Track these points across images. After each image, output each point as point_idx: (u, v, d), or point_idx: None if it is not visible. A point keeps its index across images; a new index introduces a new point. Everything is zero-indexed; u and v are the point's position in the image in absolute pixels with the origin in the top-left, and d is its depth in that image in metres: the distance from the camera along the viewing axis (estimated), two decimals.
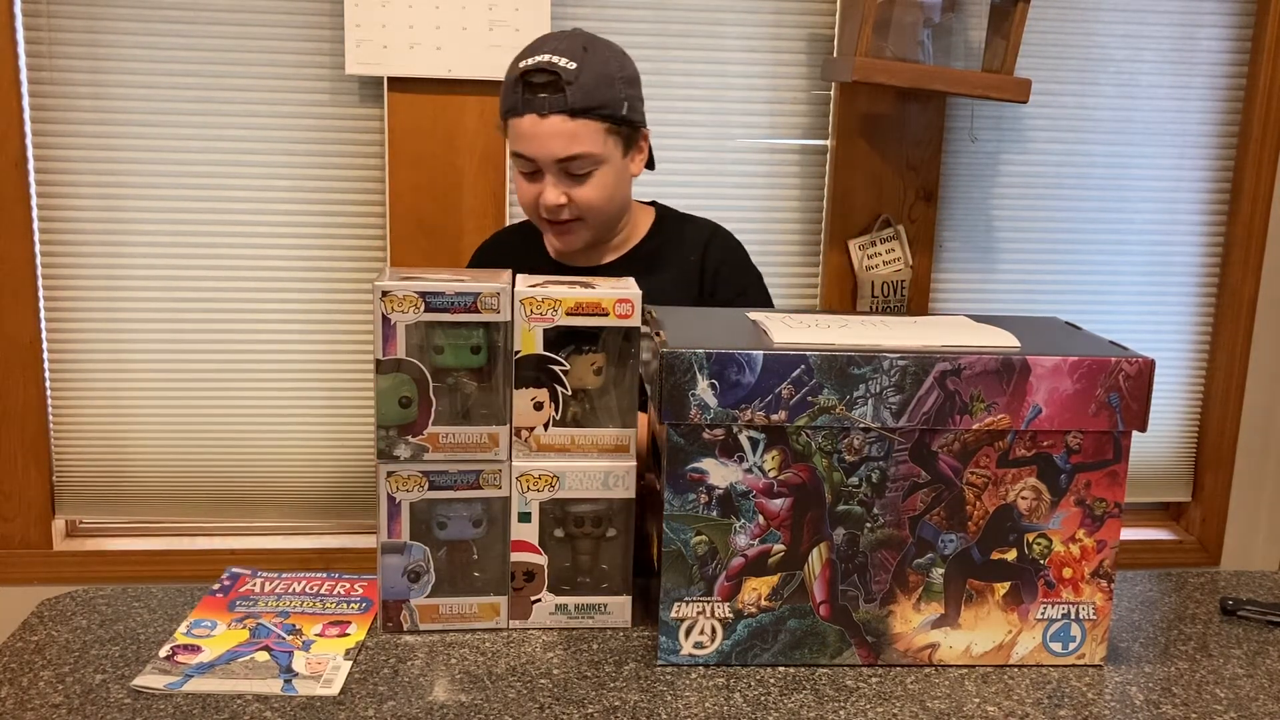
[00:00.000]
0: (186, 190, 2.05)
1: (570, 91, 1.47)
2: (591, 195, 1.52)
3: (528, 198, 1.55)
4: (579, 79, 1.48)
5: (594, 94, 1.49)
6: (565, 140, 1.48)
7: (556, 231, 1.56)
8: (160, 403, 2.11)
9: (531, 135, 1.49)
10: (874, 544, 1.12)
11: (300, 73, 2.03)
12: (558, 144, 1.48)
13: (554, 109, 1.47)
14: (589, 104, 1.48)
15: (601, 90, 1.50)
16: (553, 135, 1.48)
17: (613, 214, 1.58)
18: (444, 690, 1.07)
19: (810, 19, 2.10)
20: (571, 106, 1.47)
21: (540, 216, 1.56)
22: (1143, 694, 1.11)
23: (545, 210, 1.53)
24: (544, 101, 1.47)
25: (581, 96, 1.48)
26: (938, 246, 2.20)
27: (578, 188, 1.51)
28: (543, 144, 1.49)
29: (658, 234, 1.65)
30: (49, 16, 1.97)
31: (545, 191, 1.51)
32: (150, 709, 1.03)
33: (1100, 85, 2.19)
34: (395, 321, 1.12)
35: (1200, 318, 2.32)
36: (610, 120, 1.51)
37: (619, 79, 1.53)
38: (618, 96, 1.52)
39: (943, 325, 1.22)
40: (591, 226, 1.56)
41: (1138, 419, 1.11)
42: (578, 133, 1.48)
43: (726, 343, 1.09)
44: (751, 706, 1.06)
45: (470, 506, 1.17)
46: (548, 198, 1.51)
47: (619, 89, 1.52)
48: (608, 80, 1.51)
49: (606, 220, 1.58)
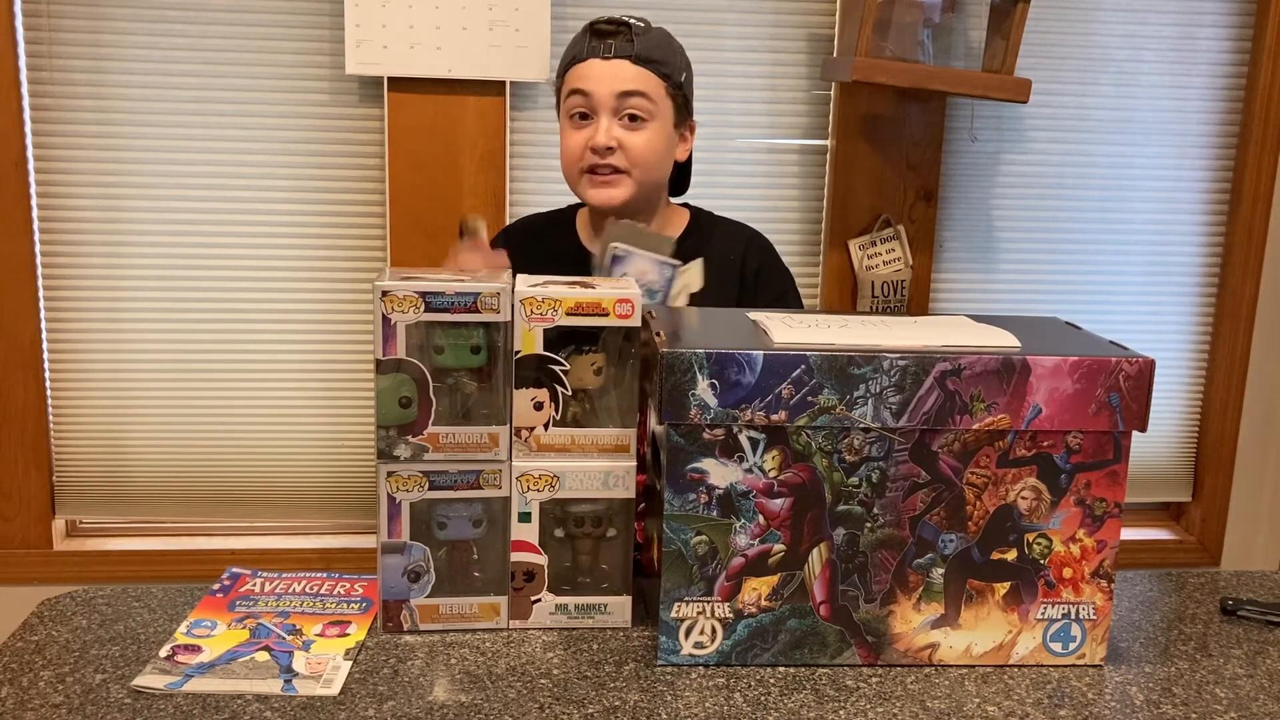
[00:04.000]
0: (187, 190, 2.05)
1: (637, 41, 1.53)
2: (642, 146, 1.53)
3: (575, 145, 1.55)
4: (646, 34, 1.55)
5: (658, 50, 1.55)
6: (626, 79, 1.52)
7: (597, 182, 1.55)
8: (160, 403, 2.11)
9: (592, 75, 1.53)
10: (874, 544, 1.12)
11: (300, 73, 2.03)
12: (619, 81, 1.52)
13: (619, 54, 1.52)
14: (652, 56, 1.53)
15: (665, 50, 1.56)
16: (616, 74, 1.52)
17: (654, 182, 1.58)
18: (444, 690, 1.07)
19: (810, 19, 2.11)
20: (636, 54, 1.53)
21: (582, 169, 1.55)
22: (1143, 694, 1.11)
23: (594, 150, 1.53)
24: (610, 46, 1.53)
25: (646, 48, 1.53)
26: (938, 246, 2.20)
27: (630, 134, 1.53)
28: (604, 81, 1.52)
29: (695, 232, 1.66)
30: (49, 16, 1.97)
31: (597, 133, 1.52)
32: (150, 709, 1.03)
33: (1100, 85, 2.19)
34: (395, 321, 1.12)
35: (1200, 318, 2.32)
36: (669, 81, 1.55)
37: (681, 54, 1.60)
38: (679, 65, 1.58)
39: (943, 325, 1.22)
40: (634, 184, 1.55)
41: (1138, 419, 1.11)
42: (639, 76, 1.53)
43: (726, 343, 1.09)
44: (751, 706, 1.06)
45: (470, 506, 1.17)
46: (599, 138, 1.52)
47: (682, 61, 1.59)
48: (672, 47, 1.58)
49: (648, 185, 1.57)
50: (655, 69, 1.53)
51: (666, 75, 1.55)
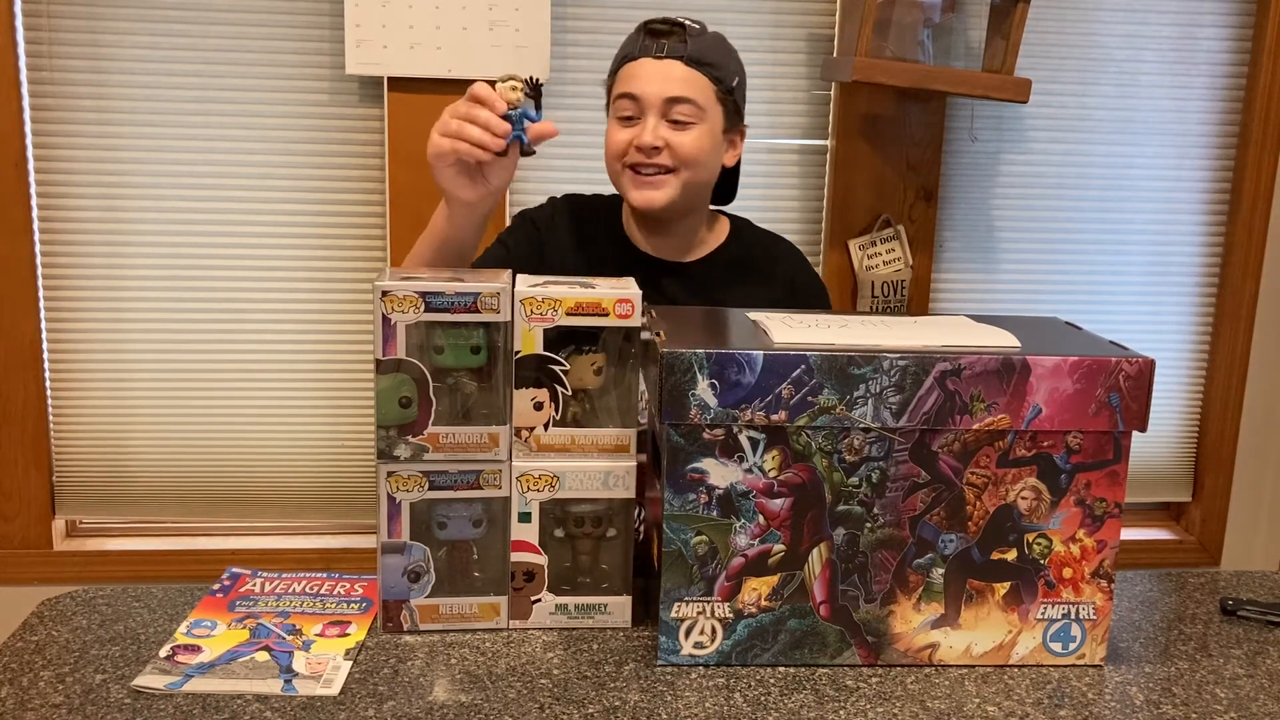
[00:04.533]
0: (187, 190, 2.05)
1: (691, 43, 1.51)
2: (689, 145, 1.51)
3: (620, 143, 1.53)
4: (701, 36, 1.53)
5: (711, 52, 1.53)
6: (677, 82, 1.50)
7: (641, 182, 1.53)
8: (160, 403, 2.12)
9: (641, 75, 1.51)
10: (874, 544, 1.12)
11: (300, 73, 2.03)
12: (668, 84, 1.50)
13: (672, 54, 1.50)
14: (705, 59, 1.51)
15: (719, 54, 1.54)
16: (666, 76, 1.50)
17: (699, 183, 1.55)
18: (444, 690, 1.07)
19: (810, 19, 2.11)
20: (689, 55, 1.51)
21: (626, 165, 1.53)
22: (1143, 694, 1.11)
23: (640, 149, 1.51)
24: (663, 46, 1.51)
25: (699, 50, 1.51)
26: (938, 246, 2.20)
27: (677, 134, 1.51)
28: (653, 81, 1.50)
29: (738, 241, 1.65)
30: (49, 16, 1.97)
31: (644, 132, 1.50)
32: (150, 709, 1.03)
33: (1100, 85, 2.19)
34: (395, 321, 1.12)
35: (1200, 318, 2.32)
36: (720, 85, 1.53)
37: (735, 58, 1.57)
38: (732, 69, 1.56)
39: (943, 325, 1.22)
40: (680, 184, 1.52)
41: (1138, 419, 1.11)
42: (690, 79, 1.51)
43: (726, 343, 1.09)
44: (751, 706, 1.06)
45: (470, 506, 1.17)
46: (645, 138, 1.50)
47: (735, 65, 1.57)
48: (726, 51, 1.56)
49: (694, 186, 1.54)
50: (707, 71, 1.51)
51: (718, 79, 1.52)
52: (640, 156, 1.51)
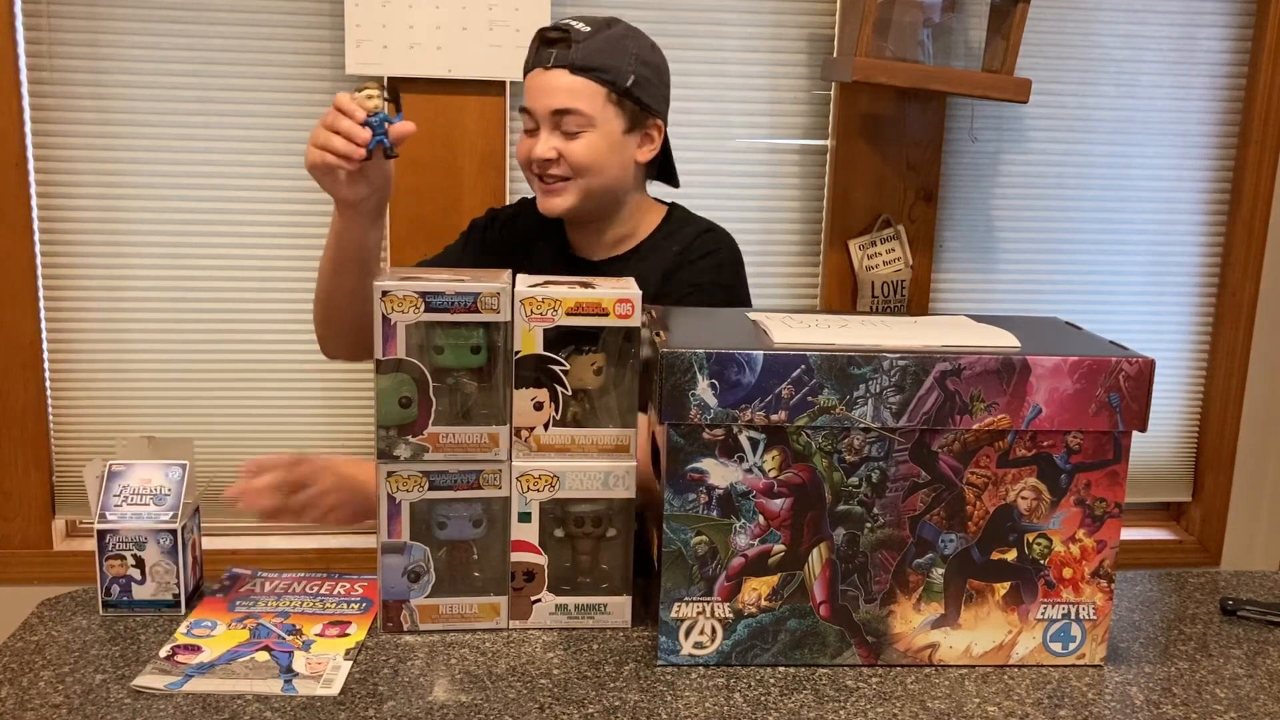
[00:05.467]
0: (187, 190, 2.05)
1: (576, 49, 1.50)
2: (581, 153, 1.52)
3: (522, 154, 1.57)
4: (588, 40, 1.51)
5: (598, 56, 1.51)
6: (562, 94, 1.50)
7: (544, 190, 1.56)
8: (160, 403, 2.11)
9: (533, 87, 1.53)
10: (874, 544, 1.12)
11: (300, 73, 2.03)
12: (554, 96, 1.50)
13: (558, 63, 1.50)
14: (591, 64, 1.50)
15: (609, 55, 1.52)
16: (551, 88, 1.51)
17: (604, 185, 1.55)
18: (444, 690, 1.07)
19: (810, 19, 2.11)
20: (573, 62, 1.50)
21: (533, 172, 1.56)
22: (1143, 694, 1.11)
23: (535, 164, 1.54)
24: (550, 55, 1.51)
25: (585, 55, 1.50)
26: (938, 246, 2.20)
27: (568, 143, 1.52)
28: (540, 95, 1.51)
29: (660, 231, 1.64)
30: (49, 16, 1.97)
31: (536, 145, 1.53)
32: (150, 709, 1.03)
33: (1100, 85, 2.19)
34: (395, 321, 1.12)
35: (1200, 318, 2.32)
36: (611, 87, 1.52)
37: (634, 55, 1.54)
38: (625, 68, 1.53)
39: (943, 325, 1.22)
40: (580, 191, 1.54)
41: (1138, 419, 1.11)
42: (576, 89, 1.50)
43: (726, 343, 1.09)
44: (751, 706, 1.06)
45: (470, 506, 1.17)
46: (537, 150, 1.52)
47: (630, 63, 1.54)
48: (619, 50, 1.53)
49: (597, 190, 1.55)
50: (594, 76, 1.50)
51: (610, 82, 1.51)
52: (538, 168, 1.54)
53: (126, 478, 1.25)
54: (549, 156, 1.52)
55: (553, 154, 1.52)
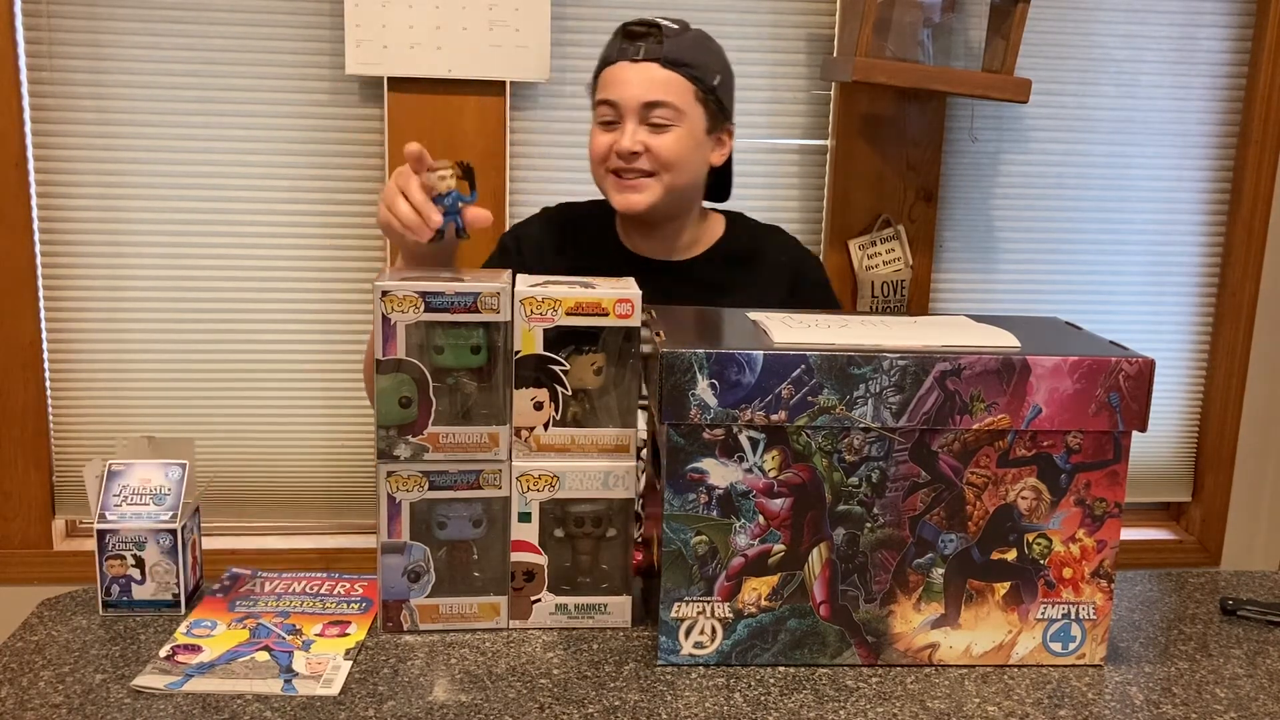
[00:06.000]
0: (187, 190, 2.05)
1: (667, 44, 1.50)
2: (668, 148, 1.50)
3: (601, 148, 1.53)
4: (678, 37, 1.52)
5: (689, 53, 1.52)
6: (654, 86, 1.49)
7: (623, 186, 1.53)
8: (160, 403, 2.11)
9: (619, 80, 1.51)
10: (874, 544, 1.12)
11: (300, 73, 2.03)
12: (644, 88, 1.49)
13: (648, 56, 1.50)
14: (682, 59, 1.51)
15: (698, 53, 1.53)
16: (642, 80, 1.50)
17: (684, 184, 1.55)
18: (444, 690, 1.07)
19: (810, 19, 2.11)
20: (665, 56, 1.50)
21: (608, 169, 1.54)
22: (1143, 694, 1.11)
23: (620, 155, 1.51)
24: (639, 49, 1.50)
25: (677, 50, 1.51)
26: (938, 246, 2.20)
27: (656, 137, 1.50)
28: (629, 87, 1.50)
29: (734, 235, 1.65)
30: (49, 16, 1.97)
31: (622, 137, 1.50)
32: (150, 709, 1.03)
33: (1100, 85, 2.19)
34: (395, 321, 1.12)
35: (1200, 318, 2.32)
36: (700, 85, 1.52)
37: (717, 56, 1.56)
38: (712, 66, 1.54)
39: (943, 325, 1.22)
40: (662, 187, 1.52)
41: (1138, 419, 1.11)
42: (668, 82, 1.50)
43: (726, 343, 1.09)
44: (751, 706, 1.06)
45: (470, 506, 1.17)
46: (623, 143, 1.50)
47: (715, 63, 1.55)
48: (705, 49, 1.55)
49: (677, 187, 1.54)
50: (685, 72, 1.50)
51: (697, 79, 1.51)
52: (620, 161, 1.51)
53: (126, 478, 1.25)
54: (636, 149, 1.50)
55: (639, 147, 1.50)
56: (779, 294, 1.62)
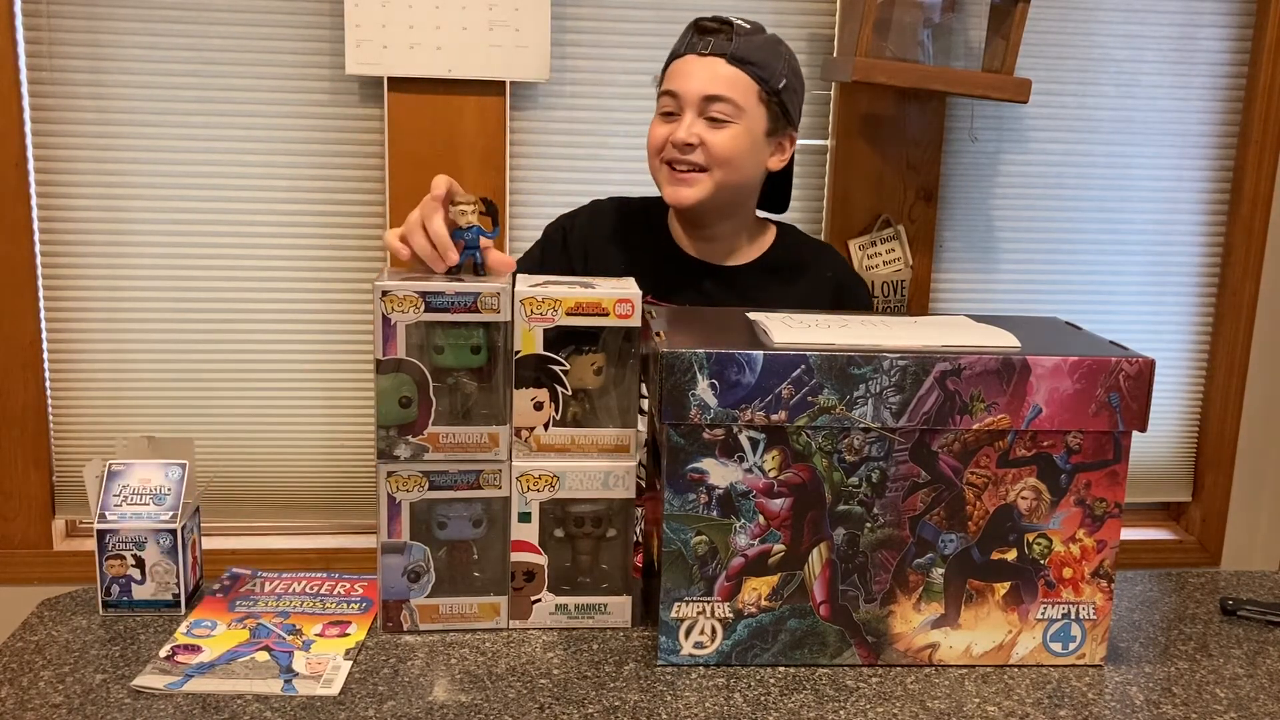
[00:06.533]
0: (187, 190, 2.05)
1: (736, 42, 1.50)
2: (723, 143, 1.50)
3: (658, 138, 1.54)
4: (749, 36, 1.52)
5: (757, 53, 1.52)
6: (717, 81, 1.50)
7: (675, 178, 1.53)
8: (160, 403, 2.11)
9: (684, 72, 1.52)
10: (874, 544, 1.12)
11: (300, 73, 2.03)
12: (707, 82, 1.50)
13: (716, 51, 1.50)
14: (750, 58, 1.51)
15: (766, 54, 1.53)
16: (706, 74, 1.50)
17: (737, 183, 1.55)
18: (444, 690, 1.07)
19: (810, 19, 2.10)
20: (733, 53, 1.50)
21: (663, 160, 1.54)
22: (1143, 694, 1.11)
23: (675, 145, 1.51)
24: (708, 43, 1.51)
25: (745, 49, 1.51)
26: (938, 246, 2.20)
27: (712, 132, 1.50)
28: (692, 79, 1.50)
29: (783, 247, 1.65)
30: (49, 16, 1.97)
31: (679, 128, 1.50)
32: (150, 709, 1.03)
33: (1100, 85, 2.19)
34: (395, 321, 1.12)
35: (1200, 318, 2.32)
36: (764, 85, 1.52)
37: (787, 59, 1.56)
38: (779, 69, 1.54)
39: (943, 325, 1.22)
40: (714, 184, 1.52)
41: (1138, 419, 1.11)
42: (731, 78, 1.50)
43: (726, 343, 1.09)
44: (751, 706, 1.06)
45: (470, 506, 1.17)
46: (679, 134, 1.50)
47: (784, 65, 1.55)
48: (775, 52, 1.54)
49: (729, 185, 1.54)
50: (751, 71, 1.50)
51: (762, 79, 1.51)
52: (675, 153, 1.51)
53: (126, 477, 1.25)
54: (691, 141, 1.50)
55: (695, 139, 1.50)
56: (823, 306, 1.62)
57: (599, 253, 1.61)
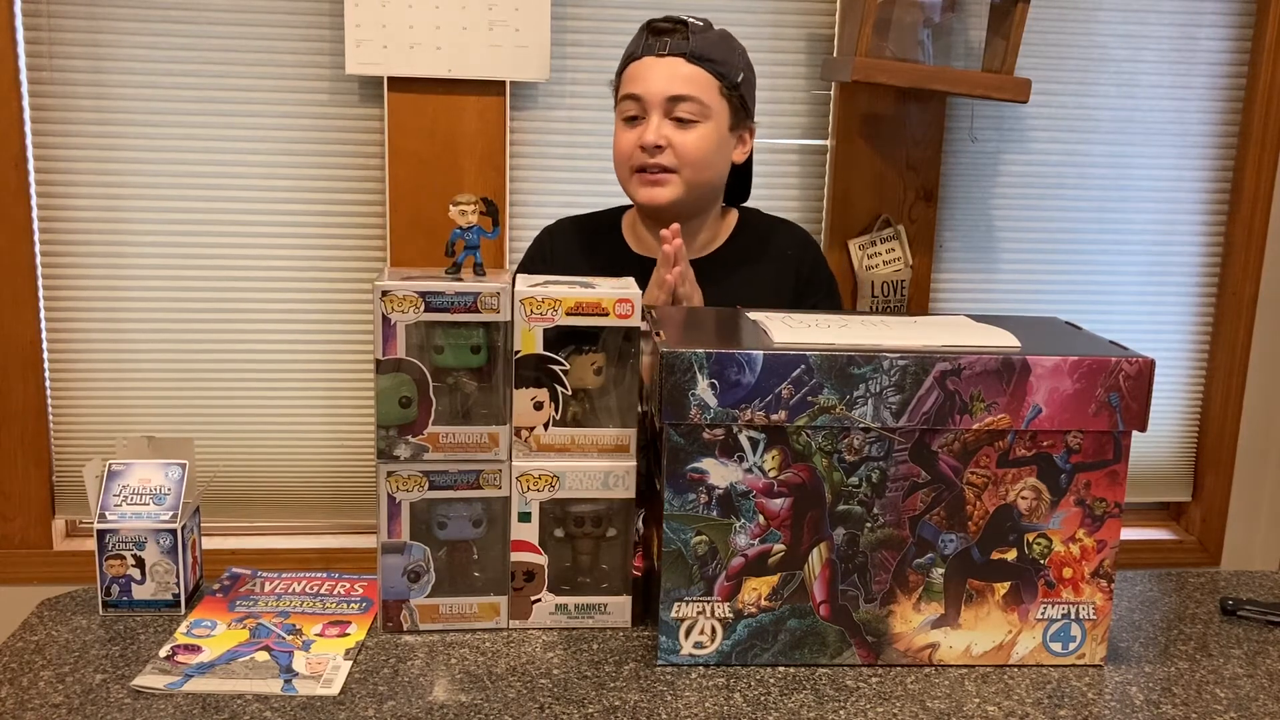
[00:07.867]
0: (187, 190, 2.05)
1: (693, 40, 1.51)
2: (693, 144, 1.51)
3: (625, 145, 1.54)
4: (703, 33, 1.53)
5: (714, 49, 1.53)
6: (679, 81, 1.50)
7: (647, 181, 1.54)
8: (160, 403, 2.11)
9: (643, 75, 1.52)
10: (874, 544, 1.12)
11: (300, 73, 2.03)
12: (670, 83, 1.50)
13: (674, 51, 1.51)
14: (707, 55, 1.52)
15: (723, 50, 1.54)
16: (667, 74, 1.51)
17: (705, 183, 1.56)
18: (444, 690, 1.07)
19: (810, 19, 2.11)
20: (690, 51, 1.51)
21: (633, 167, 1.54)
22: (1143, 694, 1.11)
23: (643, 148, 1.51)
24: (665, 44, 1.51)
25: (702, 46, 1.52)
26: (938, 246, 2.20)
27: (680, 133, 1.51)
28: (654, 81, 1.51)
29: (745, 232, 1.66)
30: (49, 16, 1.97)
31: (646, 131, 1.51)
32: (150, 709, 1.03)
33: (1100, 85, 2.19)
34: (395, 321, 1.12)
35: (1200, 318, 2.32)
36: (724, 80, 1.53)
37: (740, 55, 1.57)
38: (736, 64, 1.55)
39: (943, 325, 1.22)
40: (684, 183, 1.53)
41: (1138, 419, 1.11)
42: (693, 77, 1.51)
43: (726, 343, 1.09)
44: (751, 706, 1.06)
45: (470, 506, 1.17)
46: (648, 136, 1.50)
47: (739, 60, 1.56)
48: (730, 47, 1.56)
49: (700, 184, 1.55)
50: (710, 68, 1.51)
51: (722, 75, 1.52)
52: (644, 157, 1.51)
53: (126, 477, 1.25)
54: (660, 143, 1.51)
55: (663, 140, 1.51)
56: (789, 284, 1.62)
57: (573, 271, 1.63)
